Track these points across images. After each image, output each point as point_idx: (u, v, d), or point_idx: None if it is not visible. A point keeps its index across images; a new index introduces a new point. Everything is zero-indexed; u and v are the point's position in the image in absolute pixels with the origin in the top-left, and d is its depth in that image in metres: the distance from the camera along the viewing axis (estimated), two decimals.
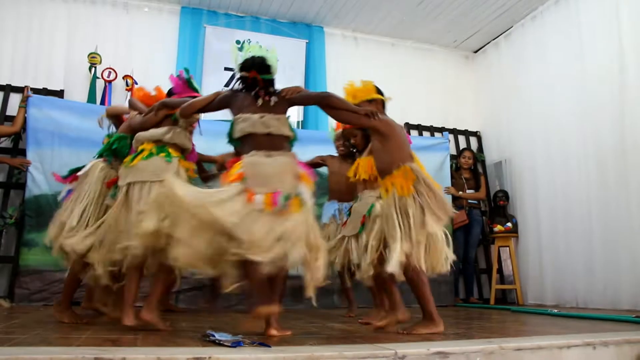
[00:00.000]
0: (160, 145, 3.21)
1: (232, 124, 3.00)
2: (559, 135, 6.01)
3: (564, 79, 6.00)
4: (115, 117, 3.86)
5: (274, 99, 3.00)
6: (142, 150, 3.19)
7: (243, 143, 2.94)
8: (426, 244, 2.99)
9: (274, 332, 2.68)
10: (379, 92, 3.47)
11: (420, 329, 2.95)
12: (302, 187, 2.83)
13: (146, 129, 3.30)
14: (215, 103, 3.13)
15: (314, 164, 4.45)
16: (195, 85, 3.49)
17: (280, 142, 2.92)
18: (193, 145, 3.43)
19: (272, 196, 2.69)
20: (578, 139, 5.72)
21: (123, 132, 3.57)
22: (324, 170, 4.71)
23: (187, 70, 3.51)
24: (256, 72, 3.00)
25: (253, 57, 3.05)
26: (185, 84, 3.46)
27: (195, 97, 3.28)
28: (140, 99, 3.68)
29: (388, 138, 3.19)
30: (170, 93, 3.50)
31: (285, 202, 2.70)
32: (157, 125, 3.28)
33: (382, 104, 3.44)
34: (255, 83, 3.00)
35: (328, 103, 3.13)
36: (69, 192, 3.45)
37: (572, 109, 5.83)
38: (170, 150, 3.20)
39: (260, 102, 2.97)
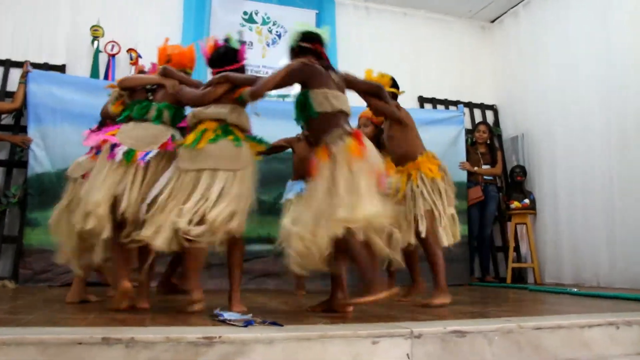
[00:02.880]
0: (224, 125, 3.00)
1: (311, 97, 2.91)
2: (579, 109, 5.92)
3: (586, 50, 5.89)
4: (132, 89, 3.44)
5: (337, 78, 3.06)
6: (204, 130, 2.96)
7: (325, 119, 2.89)
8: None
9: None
10: (395, 85, 3.88)
11: (434, 300, 3.35)
12: None
13: (202, 104, 3.09)
14: (287, 78, 2.99)
15: (279, 147, 4.56)
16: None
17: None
18: None
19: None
20: (599, 113, 5.63)
21: (167, 102, 3.25)
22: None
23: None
24: (320, 46, 3.08)
25: (312, 32, 3.12)
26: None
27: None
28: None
29: (409, 129, 3.67)
30: (218, 61, 3.22)
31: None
32: (215, 101, 3.07)
33: (395, 97, 3.81)
34: (320, 56, 3.06)
35: (379, 93, 3.46)
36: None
37: (594, 82, 5.72)
38: (236, 132, 3.00)
39: (335, 78, 3.03)
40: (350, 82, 3.21)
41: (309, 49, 3.06)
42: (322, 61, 3.06)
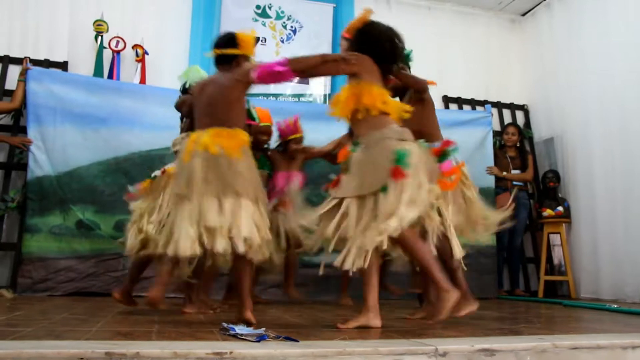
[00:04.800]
0: None
1: None
2: (619, 109, 5.85)
3: (626, 45, 5.82)
4: None
5: None
6: None
7: None
8: None
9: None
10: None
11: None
12: None
13: None
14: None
15: None
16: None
17: None
18: None
19: None
20: None
21: None
22: None
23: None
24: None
25: None
26: None
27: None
28: None
29: None
30: None
31: None
32: None
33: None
34: None
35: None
36: None
37: (636, 80, 5.66)
38: None
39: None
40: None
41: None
42: None
